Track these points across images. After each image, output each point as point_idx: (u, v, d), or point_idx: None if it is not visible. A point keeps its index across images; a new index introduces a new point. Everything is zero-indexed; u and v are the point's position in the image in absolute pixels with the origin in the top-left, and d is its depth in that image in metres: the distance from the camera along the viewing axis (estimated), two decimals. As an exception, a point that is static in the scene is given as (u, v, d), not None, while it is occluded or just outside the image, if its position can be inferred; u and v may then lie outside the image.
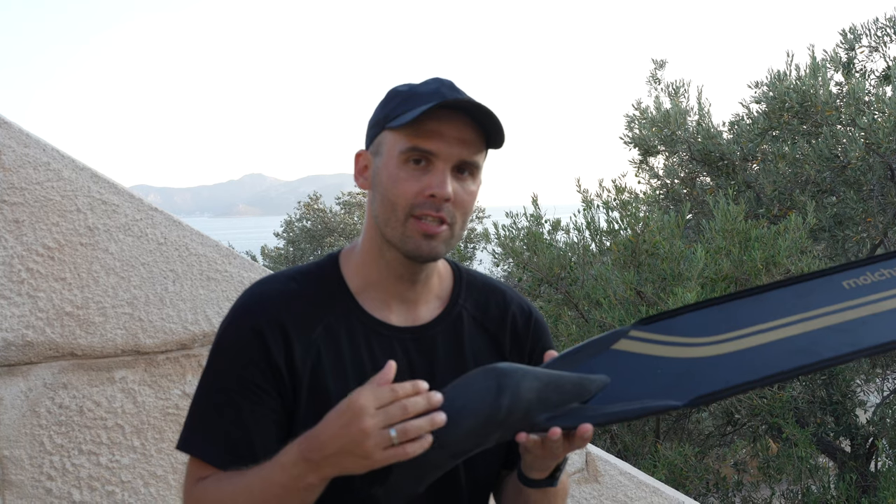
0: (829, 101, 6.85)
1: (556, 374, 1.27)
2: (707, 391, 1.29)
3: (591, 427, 1.25)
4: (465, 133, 1.32)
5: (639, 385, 1.30)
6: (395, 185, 1.32)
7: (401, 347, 1.39)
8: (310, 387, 1.34)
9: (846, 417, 6.37)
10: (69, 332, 2.28)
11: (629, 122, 8.19)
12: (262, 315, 1.34)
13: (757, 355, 1.31)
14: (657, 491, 2.69)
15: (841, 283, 1.35)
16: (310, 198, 17.47)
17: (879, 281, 1.34)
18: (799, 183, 7.00)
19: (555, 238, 6.59)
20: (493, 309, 1.48)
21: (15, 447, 2.25)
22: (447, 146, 1.31)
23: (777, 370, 1.30)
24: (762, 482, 6.38)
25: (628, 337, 1.34)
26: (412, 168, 1.32)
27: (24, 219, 2.25)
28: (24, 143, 2.26)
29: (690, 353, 1.32)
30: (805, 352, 1.30)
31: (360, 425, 1.15)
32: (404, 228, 1.33)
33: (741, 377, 1.30)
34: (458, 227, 1.35)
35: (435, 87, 1.34)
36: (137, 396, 2.34)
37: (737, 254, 5.70)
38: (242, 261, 2.46)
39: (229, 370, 1.34)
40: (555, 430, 1.23)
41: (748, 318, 1.34)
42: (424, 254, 1.34)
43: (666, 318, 1.36)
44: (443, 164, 1.31)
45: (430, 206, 1.31)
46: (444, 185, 1.30)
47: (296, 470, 1.21)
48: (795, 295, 1.35)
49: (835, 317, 1.32)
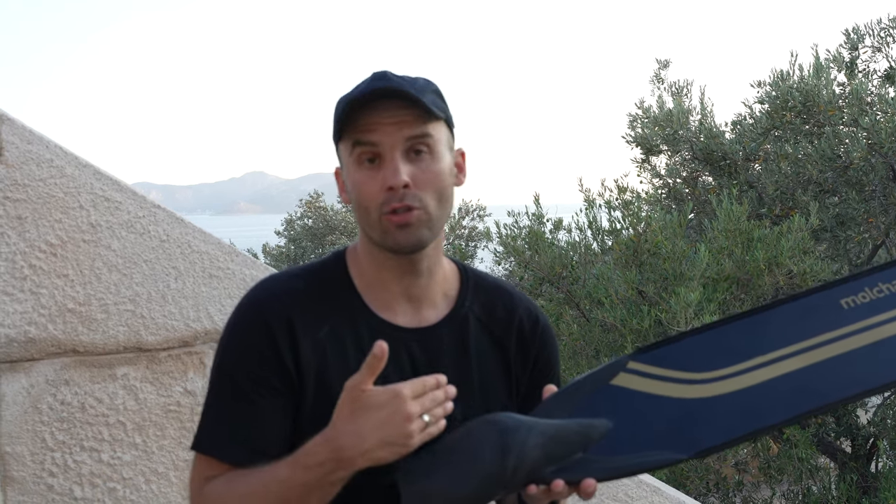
0: (832, 101, 6.84)
1: (560, 426, 1.26)
2: (710, 444, 1.28)
3: (594, 482, 1.25)
4: (400, 115, 1.31)
5: (640, 429, 1.29)
6: (359, 190, 1.32)
7: (405, 348, 1.38)
8: (316, 386, 1.33)
9: (847, 418, 6.37)
10: (71, 328, 2.28)
11: (631, 122, 8.18)
12: (270, 312, 1.34)
13: (760, 398, 1.28)
14: (658, 490, 2.69)
15: (839, 301, 1.32)
16: (311, 196, 17.45)
17: (877, 300, 1.31)
18: (801, 183, 6.99)
19: (556, 237, 6.59)
20: (500, 312, 1.47)
21: (17, 443, 2.25)
22: (386, 134, 1.30)
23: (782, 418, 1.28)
24: (763, 482, 6.38)
25: (627, 370, 1.32)
26: (367, 168, 1.32)
27: (27, 215, 2.25)
28: (28, 139, 2.26)
29: (690, 393, 1.30)
30: (809, 392, 1.28)
31: (406, 412, 1.20)
32: (380, 227, 1.32)
33: (745, 426, 1.28)
34: (434, 208, 1.33)
35: (365, 84, 1.33)
36: (139, 393, 2.34)
37: (739, 254, 5.69)
38: (245, 258, 2.46)
39: (241, 367, 1.33)
40: (558, 483, 1.24)
41: (749, 346, 1.31)
42: (405, 244, 1.33)
43: (664, 345, 1.33)
44: (390, 153, 1.31)
45: (394, 199, 1.30)
46: (396, 173, 1.29)
47: (323, 469, 1.22)
48: (796, 316, 1.32)
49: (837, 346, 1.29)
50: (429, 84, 1.37)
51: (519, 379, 1.47)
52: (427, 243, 1.35)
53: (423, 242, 1.34)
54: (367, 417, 1.20)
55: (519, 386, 1.47)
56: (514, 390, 1.46)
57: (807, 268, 5.75)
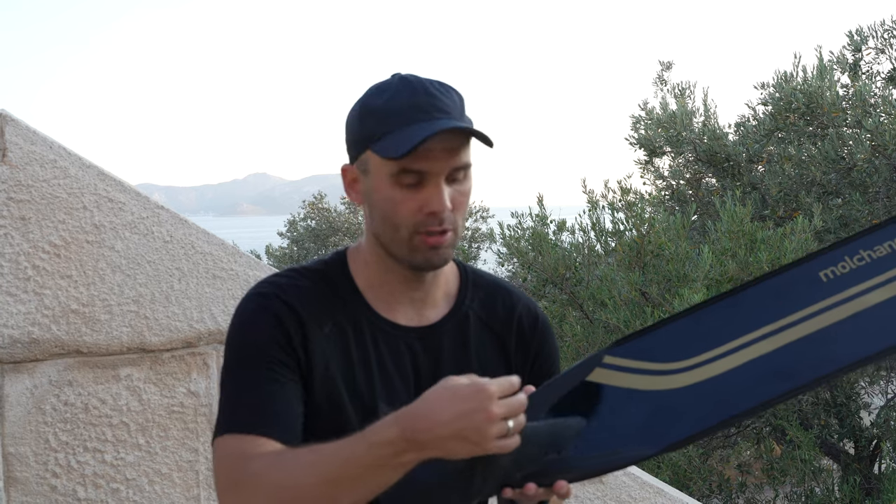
0: (836, 103, 6.83)
1: (532, 428, 1.23)
2: (678, 437, 1.25)
3: (566, 483, 1.24)
4: (452, 143, 1.30)
5: (614, 425, 1.26)
6: (394, 208, 1.31)
7: (407, 347, 1.39)
8: (321, 381, 1.33)
9: (850, 420, 6.36)
10: (75, 329, 2.28)
11: (635, 123, 8.19)
12: (280, 304, 1.34)
13: (732, 383, 1.24)
14: (661, 492, 2.69)
15: (818, 274, 1.25)
16: (314, 197, 17.47)
17: (858, 269, 1.24)
18: (804, 185, 6.99)
19: (560, 238, 6.58)
20: (500, 309, 1.48)
21: (20, 444, 2.25)
22: (436, 162, 1.30)
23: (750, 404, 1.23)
24: (766, 484, 6.37)
25: (603, 365, 1.29)
26: (406, 188, 1.31)
27: (31, 216, 2.26)
28: (31, 140, 2.26)
29: (663, 385, 1.27)
30: (782, 375, 1.23)
31: (489, 411, 1.15)
32: (410, 244, 1.32)
33: (714, 416, 1.24)
34: (460, 227, 1.35)
35: (408, 102, 1.31)
36: (143, 394, 2.34)
37: (742, 255, 5.69)
38: (248, 259, 2.46)
39: (258, 352, 1.31)
40: (529, 487, 1.23)
41: (725, 330, 1.26)
42: (437, 263, 1.34)
43: (641, 335, 1.30)
44: (436, 179, 1.30)
45: (433, 222, 1.30)
46: (441, 201, 1.29)
47: (391, 449, 1.17)
48: (773, 294, 1.26)
49: (813, 322, 1.23)
50: (461, 98, 1.36)
51: (519, 375, 1.48)
52: (450, 260, 1.37)
53: (448, 261, 1.36)
54: (449, 405, 1.16)
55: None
56: None
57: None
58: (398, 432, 1.17)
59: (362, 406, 1.35)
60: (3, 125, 2.24)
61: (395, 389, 1.37)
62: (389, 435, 1.17)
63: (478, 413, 1.15)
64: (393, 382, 1.38)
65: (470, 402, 1.15)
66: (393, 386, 1.37)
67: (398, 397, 1.35)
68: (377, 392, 1.36)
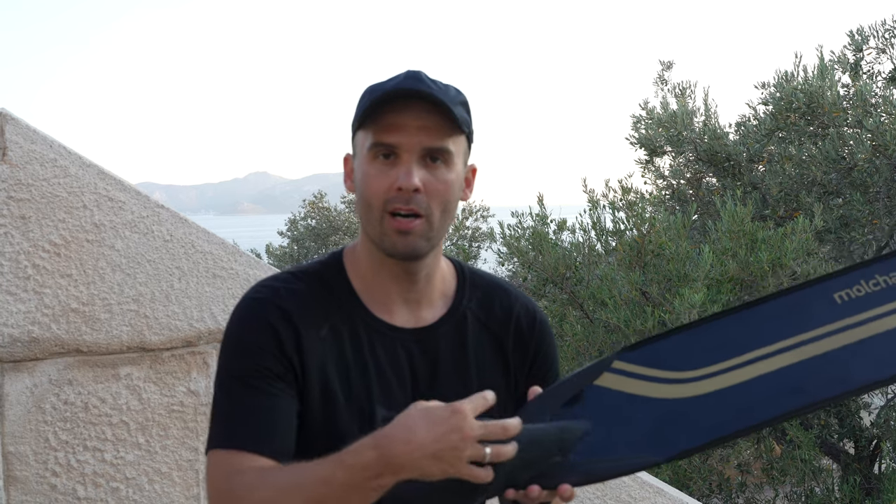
0: (836, 103, 6.83)
1: (538, 430, 1.24)
2: (687, 446, 1.25)
3: (570, 487, 1.24)
4: (426, 120, 1.30)
5: (621, 431, 1.26)
6: (367, 183, 1.32)
7: (404, 349, 1.38)
8: (317, 385, 1.33)
9: (850, 419, 6.35)
10: (75, 328, 2.28)
11: (635, 123, 8.18)
12: (274, 310, 1.33)
13: (741, 397, 1.24)
14: (661, 491, 2.69)
15: (832, 295, 1.26)
16: (315, 196, 17.47)
17: (873, 293, 1.25)
18: (805, 184, 6.98)
19: (560, 238, 6.58)
20: (497, 309, 1.47)
21: (20, 443, 2.25)
22: (408, 136, 1.30)
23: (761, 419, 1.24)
24: (766, 484, 6.37)
25: (611, 370, 1.30)
26: (381, 164, 1.31)
27: (31, 215, 2.25)
28: (31, 139, 2.26)
29: (673, 393, 1.27)
30: (794, 391, 1.23)
31: (463, 431, 1.15)
32: (381, 226, 1.32)
33: (723, 428, 1.24)
34: (437, 219, 1.33)
35: (398, 80, 1.33)
36: (142, 393, 2.34)
37: (743, 255, 5.69)
38: (248, 258, 2.46)
39: (251, 363, 1.31)
40: (533, 489, 1.23)
41: (739, 342, 1.27)
42: (401, 251, 1.33)
43: (653, 341, 1.31)
44: (407, 155, 1.30)
45: (400, 200, 1.30)
46: (409, 175, 1.29)
47: (370, 471, 1.17)
48: (786, 311, 1.27)
49: (825, 343, 1.24)
50: (459, 94, 1.36)
51: (517, 375, 1.47)
52: (423, 253, 1.35)
53: (419, 252, 1.34)
54: (425, 427, 1.16)
55: (518, 383, 1.47)
56: (512, 387, 1.46)
57: (811, 269, 5.74)
58: (375, 456, 1.17)
59: (359, 409, 1.34)
60: (3, 124, 2.23)
61: (392, 392, 1.36)
62: (367, 458, 1.18)
63: (454, 433, 1.15)
64: (390, 385, 1.37)
65: (445, 424, 1.16)
66: (390, 389, 1.37)
67: (395, 400, 1.35)
68: (374, 395, 1.35)
